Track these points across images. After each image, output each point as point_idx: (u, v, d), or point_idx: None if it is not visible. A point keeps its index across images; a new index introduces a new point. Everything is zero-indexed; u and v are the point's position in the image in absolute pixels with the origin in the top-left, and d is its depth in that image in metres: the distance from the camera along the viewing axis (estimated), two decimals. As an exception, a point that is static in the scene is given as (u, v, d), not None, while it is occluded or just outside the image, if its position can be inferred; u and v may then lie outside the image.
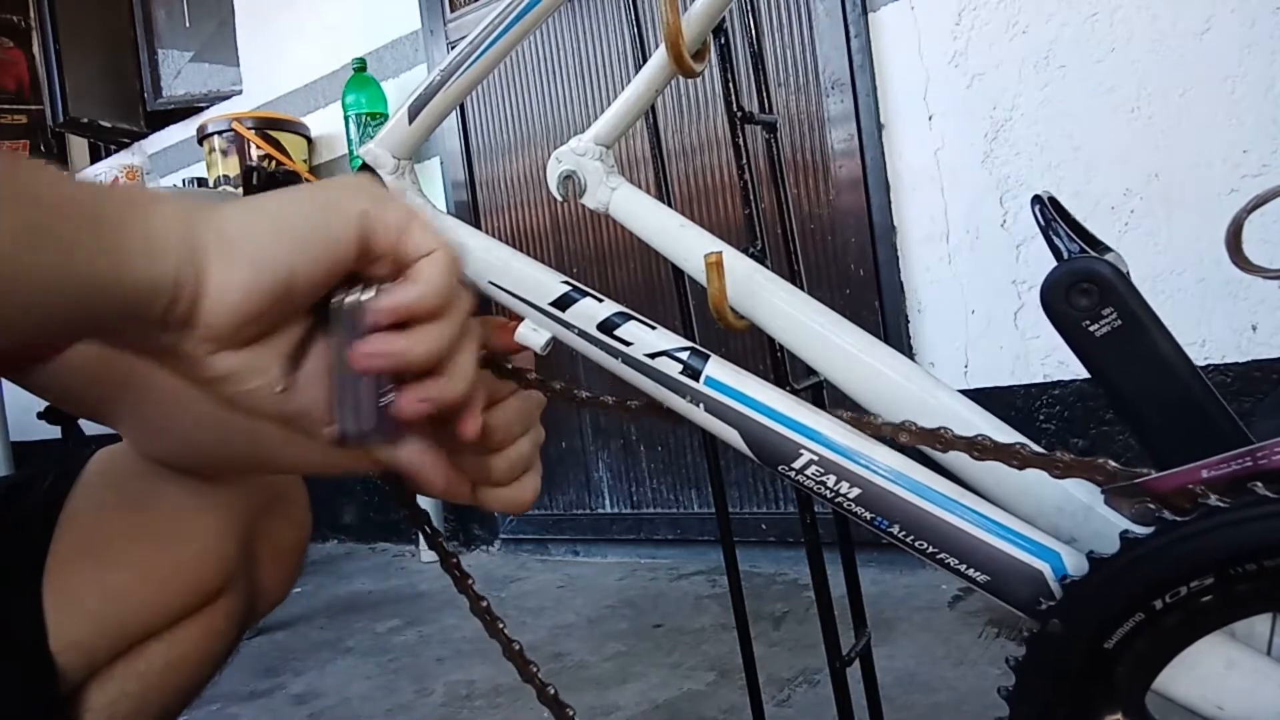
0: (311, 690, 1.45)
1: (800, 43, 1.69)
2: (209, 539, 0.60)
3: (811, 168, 1.69)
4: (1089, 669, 0.39)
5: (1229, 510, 0.35)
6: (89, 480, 0.60)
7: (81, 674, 0.55)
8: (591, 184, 0.55)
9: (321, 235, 0.37)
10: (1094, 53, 1.44)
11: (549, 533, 2.13)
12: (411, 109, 0.52)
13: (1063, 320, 0.42)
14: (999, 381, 1.56)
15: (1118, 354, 0.41)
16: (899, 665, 1.22)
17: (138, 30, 2.99)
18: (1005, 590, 0.41)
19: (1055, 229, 0.44)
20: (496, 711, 1.26)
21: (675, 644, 1.43)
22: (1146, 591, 0.37)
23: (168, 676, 0.59)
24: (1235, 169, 1.35)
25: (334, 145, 2.42)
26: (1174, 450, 0.40)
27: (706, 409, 0.46)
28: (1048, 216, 0.45)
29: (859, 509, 0.43)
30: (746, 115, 0.78)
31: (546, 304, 0.49)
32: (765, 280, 0.51)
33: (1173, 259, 1.40)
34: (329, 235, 0.37)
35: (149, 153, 2.91)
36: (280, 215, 0.37)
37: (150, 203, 0.35)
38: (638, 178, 1.81)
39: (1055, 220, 0.45)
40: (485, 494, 0.49)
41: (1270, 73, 1.32)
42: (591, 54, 1.96)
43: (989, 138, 1.54)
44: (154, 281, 0.33)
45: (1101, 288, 0.40)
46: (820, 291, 1.59)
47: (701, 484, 1.91)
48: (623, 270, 1.96)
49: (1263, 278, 0.46)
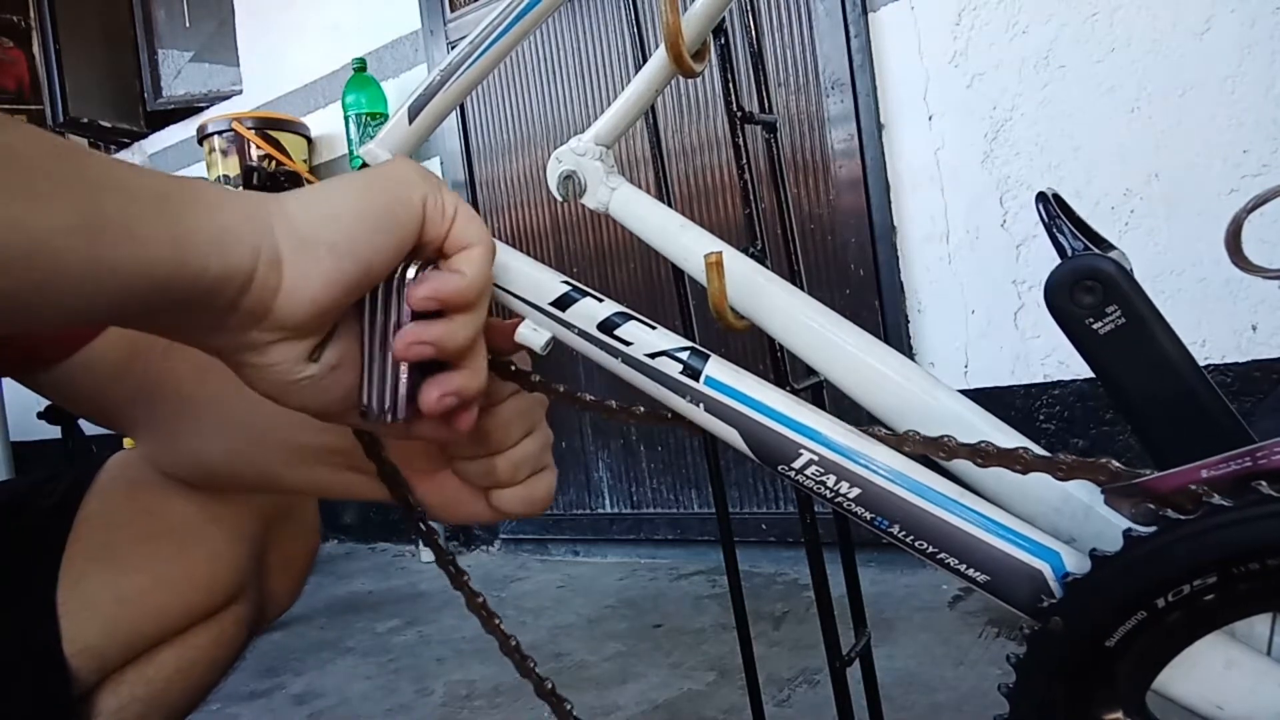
0: (311, 690, 1.45)
1: (800, 43, 1.69)
2: (221, 546, 0.60)
3: (811, 168, 1.69)
4: (1090, 667, 0.39)
5: (1233, 509, 0.35)
6: (103, 485, 0.60)
7: (93, 678, 0.55)
8: (591, 184, 0.55)
9: (393, 223, 0.37)
10: (1094, 53, 1.44)
11: (549, 533, 2.13)
12: (411, 109, 0.52)
13: (1066, 318, 0.41)
14: (999, 381, 1.56)
15: (1121, 352, 0.41)
16: (899, 665, 1.22)
17: (138, 30, 2.99)
18: (1005, 590, 0.41)
19: (1059, 226, 0.44)
20: (496, 711, 1.26)
21: (675, 644, 1.43)
22: (1149, 590, 0.37)
23: (177, 682, 0.59)
24: (1235, 169, 1.35)
25: (334, 145, 2.42)
26: (1176, 449, 0.40)
27: (706, 409, 0.46)
28: (1052, 213, 0.45)
29: (859, 509, 0.43)
30: (746, 115, 0.78)
31: (546, 304, 0.49)
32: (765, 280, 0.51)
33: (1173, 259, 1.40)
34: (399, 223, 0.37)
35: (149, 153, 2.91)
36: (354, 205, 0.36)
37: (219, 193, 0.34)
38: (638, 178, 1.81)
39: (1059, 217, 0.45)
40: (497, 496, 0.49)
41: (1270, 73, 1.32)
42: (591, 54, 1.96)
43: (989, 138, 1.54)
44: (226, 272, 0.33)
45: (1105, 285, 0.40)
46: (820, 291, 1.59)
47: (701, 484, 1.91)
48: (623, 270, 1.96)
49: (1262, 278, 0.46)
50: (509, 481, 0.48)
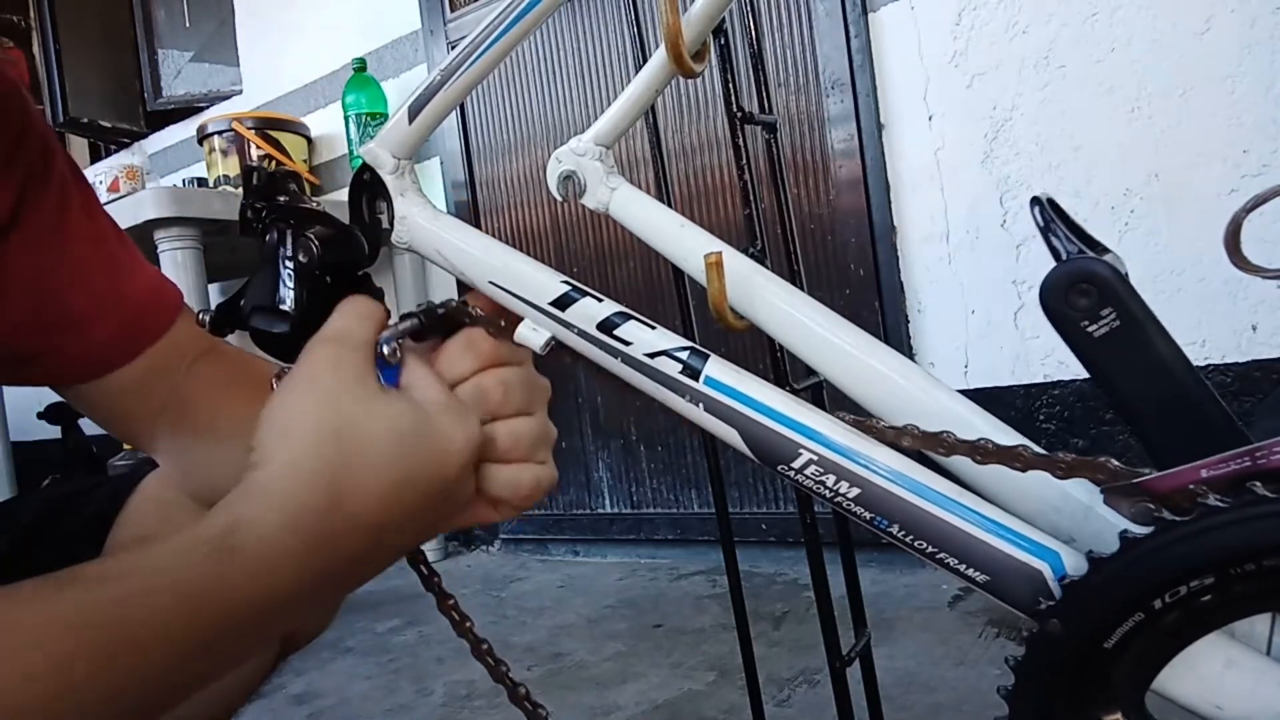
0: (311, 690, 1.45)
1: (800, 43, 1.69)
2: None
3: (811, 168, 1.70)
4: (1088, 668, 0.39)
5: (1229, 510, 0.35)
6: (137, 505, 0.60)
7: None
8: (591, 184, 0.55)
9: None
10: (1094, 53, 1.44)
11: (549, 533, 2.13)
12: (411, 109, 0.52)
13: (1061, 321, 0.42)
14: (999, 381, 1.56)
15: (1116, 354, 0.41)
16: (899, 665, 1.22)
17: (138, 30, 2.99)
18: (1004, 590, 0.41)
19: (1054, 230, 0.44)
20: (496, 711, 1.26)
21: (675, 644, 1.43)
22: (1146, 591, 0.37)
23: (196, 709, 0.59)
24: (1235, 169, 1.36)
25: (334, 145, 2.42)
26: (1173, 450, 0.40)
27: (706, 409, 0.46)
28: (1046, 218, 0.46)
29: (858, 509, 0.43)
30: (746, 115, 0.78)
31: (546, 304, 0.49)
32: (765, 280, 0.51)
33: (1173, 259, 1.40)
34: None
35: (149, 153, 2.90)
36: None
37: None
38: (638, 178, 1.81)
39: (1054, 221, 0.45)
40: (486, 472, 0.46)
41: (1270, 73, 1.32)
42: (591, 54, 1.96)
43: (989, 138, 1.54)
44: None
45: (1100, 288, 0.40)
46: (820, 291, 1.59)
47: (701, 484, 1.91)
48: (623, 270, 1.96)
49: (1261, 277, 0.46)
50: (506, 455, 0.46)
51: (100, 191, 2.37)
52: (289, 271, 0.50)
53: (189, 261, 1.80)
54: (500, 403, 0.46)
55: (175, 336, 0.57)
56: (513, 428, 0.46)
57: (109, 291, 0.55)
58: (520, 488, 0.46)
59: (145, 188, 2.14)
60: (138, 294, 0.56)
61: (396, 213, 0.53)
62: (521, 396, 0.47)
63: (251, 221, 0.53)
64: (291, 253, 0.51)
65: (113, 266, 0.56)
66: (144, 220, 1.74)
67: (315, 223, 0.51)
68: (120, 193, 2.23)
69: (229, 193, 2.06)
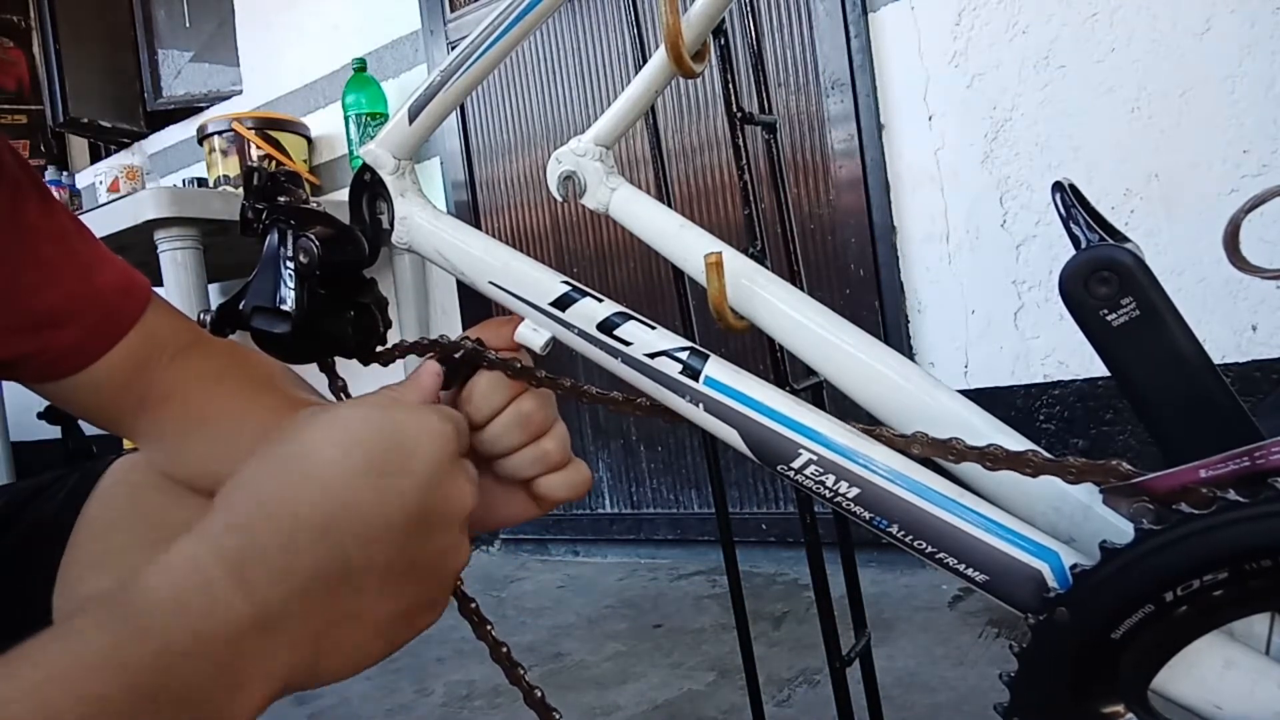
0: (311, 690, 1.45)
1: (800, 43, 1.69)
2: None
3: (811, 168, 1.69)
4: (1094, 659, 0.39)
5: (1249, 505, 0.35)
6: (105, 490, 0.59)
7: None
8: (591, 184, 0.55)
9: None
10: (1094, 53, 1.44)
11: (549, 533, 2.13)
12: (412, 109, 0.52)
13: (1080, 309, 0.41)
14: (999, 382, 1.56)
15: (1134, 344, 0.40)
16: (899, 665, 1.22)
17: (138, 30, 2.99)
18: (1004, 590, 0.41)
19: (1075, 217, 0.44)
20: (496, 711, 1.26)
21: (675, 644, 1.43)
22: (1158, 583, 0.37)
23: None
24: (1235, 169, 1.36)
25: (334, 145, 2.42)
26: (1186, 444, 0.39)
27: (706, 409, 0.46)
28: (1068, 204, 0.45)
29: (858, 509, 0.43)
30: (746, 116, 0.78)
31: (546, 304, 0.49)
32: (765, 280, 0.51)
33: (1173, 259, 1.40)
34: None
35: (149, 153, 2.91)
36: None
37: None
38: (638, 178, 1.81)
39: (1075, 207, 0.44)
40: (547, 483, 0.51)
41: (1270, 73, 1.32)
42: (591, 54, 1.96)
43: (989, 138, 1.54)
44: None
45: (1121, 276, 0.39)
46: (820, 291, 1.60)
47: (701, 484, 1.91)
48: (623, 270, 1.96)
49: (1261, 278, 0.46)
50: (561, 462, 0.51)
51: (100, 191, 2.38)
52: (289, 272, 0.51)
53: (189, 261, 1.80)
54: (542, 421, 0.50)
55: (149, 327, 0.56)
56: (558, 436, 0.51)
57: (77, 288, 0.53)
58: (578, 485, 0.52)
59: (145, 188, 2.14)
60: (106, 288, 0.55)
61: (397, 213, 0.53)
62: (552, 410, 0.51)
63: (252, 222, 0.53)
64: (292, 253, 0.51)
65: (77, 262, 0.54)
66: (144, 220, 1.74)
67: (316, 223, 0.51)
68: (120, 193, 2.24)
69: (229, 193, 2.06)
